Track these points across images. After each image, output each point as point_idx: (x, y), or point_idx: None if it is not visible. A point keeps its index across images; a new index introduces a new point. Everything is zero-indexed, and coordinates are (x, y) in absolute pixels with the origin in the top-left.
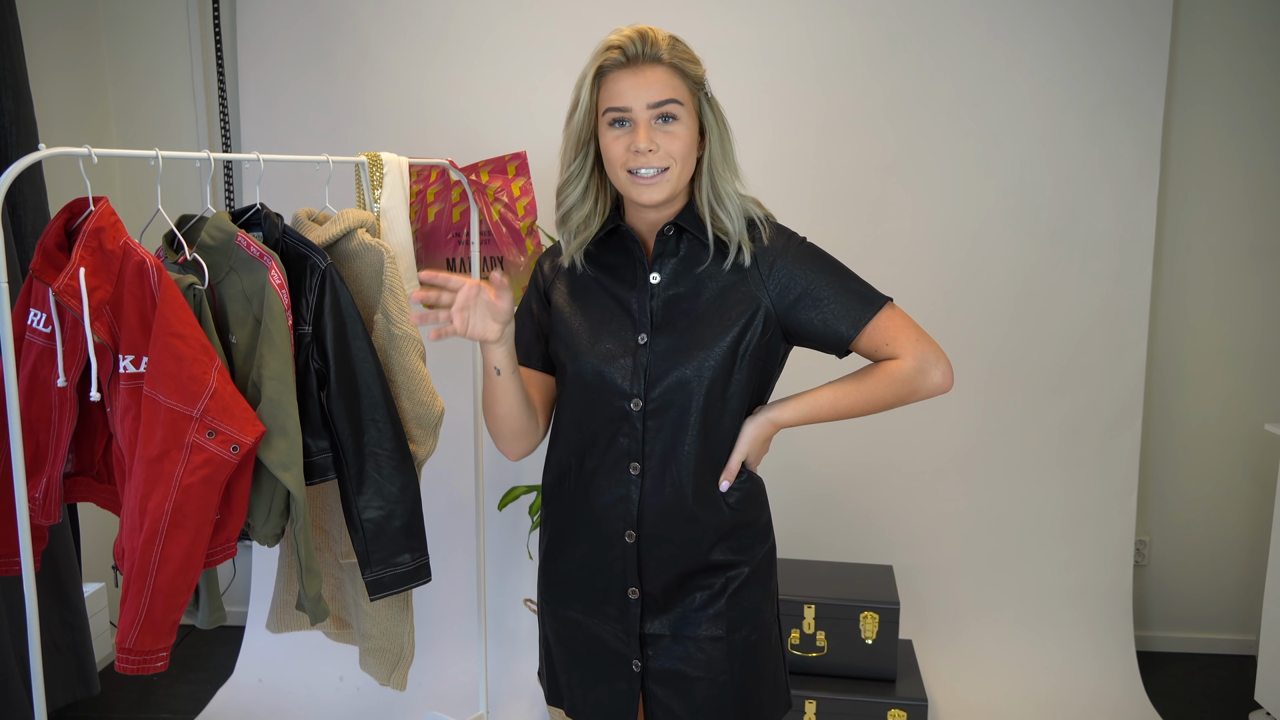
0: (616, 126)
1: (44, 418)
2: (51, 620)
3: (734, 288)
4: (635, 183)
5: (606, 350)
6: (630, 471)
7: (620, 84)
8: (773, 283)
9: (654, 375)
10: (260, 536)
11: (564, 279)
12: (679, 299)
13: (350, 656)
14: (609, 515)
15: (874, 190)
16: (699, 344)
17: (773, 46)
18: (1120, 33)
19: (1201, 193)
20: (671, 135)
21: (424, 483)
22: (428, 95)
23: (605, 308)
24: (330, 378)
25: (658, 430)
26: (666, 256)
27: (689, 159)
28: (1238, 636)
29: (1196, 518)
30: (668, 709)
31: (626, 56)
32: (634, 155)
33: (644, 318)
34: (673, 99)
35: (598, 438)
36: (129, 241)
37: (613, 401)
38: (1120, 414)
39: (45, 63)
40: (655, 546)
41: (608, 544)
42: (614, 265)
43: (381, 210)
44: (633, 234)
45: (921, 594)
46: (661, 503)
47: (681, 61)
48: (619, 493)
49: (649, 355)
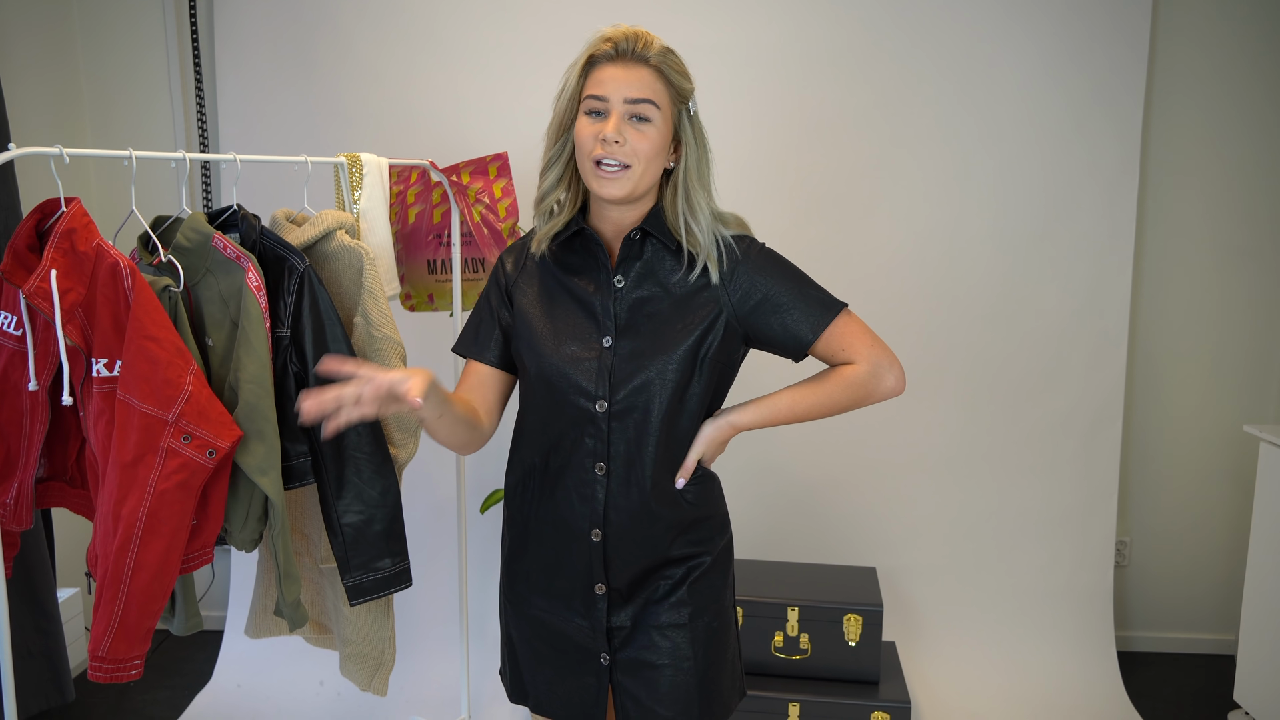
0: (592, 115)
1: (15, 422)
2: (24, 626)
3: (697, 294)
4: (598, 174)
5: (571, 353)
6: (596, 472)
7: (604, 74)
8: (734, 289)
9: (618, 378)
10: (238, 542)
11: (527, 279)
12: (642, 302)
13: (331, 661)
14: (575, 514)
15: (857, 191)
16: (662, 348)
17: (756, 48)
18: (1102, 32)
19: (1182, 193)
20: (641, 134)
21: (405, 486)
22: (409, 95)
23: (569, 310)
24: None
25: (622, 431)
26: (631, 260)
27: (654, 163)
28: (1217, 636)
29: (1176, 518)
30: (635, 699)
31: (617, 50)
32: (601, 144)
33: (608, 320)
34: (649, 99)
35: (562, 439)
36: (102, 243)
37: (577, 403)
38: (1101, 414)
39: (19, 62)
40: (621, 544)
41: (573, 542)
42: (578, 267)
43: (361, 211)
44: (596, 237)
45: (905, 596)
46: (627, 502)
47: (668, 69)
48: (585, 492)
49: (613, 358)
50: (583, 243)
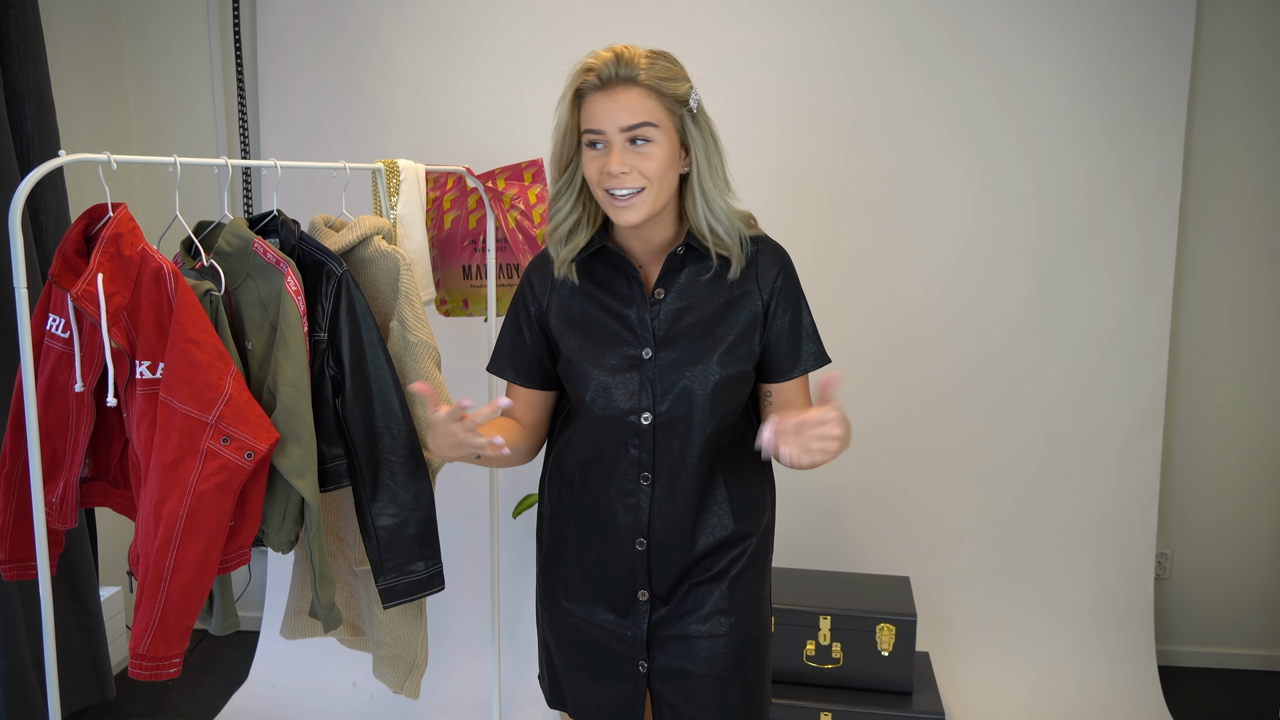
0: (593, 148)
1: (61, 422)
2: (68, 624)
3: (736, 301)
4: (613, 204)
5: (611, 366)
6: (641, 482)
7: (595, 106)
8: (769, 296)
9: (662, 389)
10: (274, 543)
11: (558, 296)
12: (682, 313)
13: (364, 663)
14: (619, 524)
15: (892, 198)
16: (703, 355)
17: (793, 54)
18: (1141, 43)
19: (1223, 203)
20: (644, 156)
21: (438, 490)
22: (445, 103)
23: (604, 325)
24: (345, 384)
25: (666, 441)
26: (673, 273)
27: (666, 178)
28: (1262, 652)
29: (1218, 530)
30: (674, 708)
31: (600, 80)
32: (608, 177)
33: (645, 332)
34: (645, 121)
35: (605, 451)
36: (146, 247)
37: (622, 417)
38: (1141, 424)
39: (68, 70)
40: (665, 551)
41: (616, 551)
42: (606, 280)
43: (398, 217)
44: (620, 254)
45: (939, 606)
46: (672, 511)
47: (658, 81)
48: (629, 502)
49: (655, 369)
50: (609, 256)
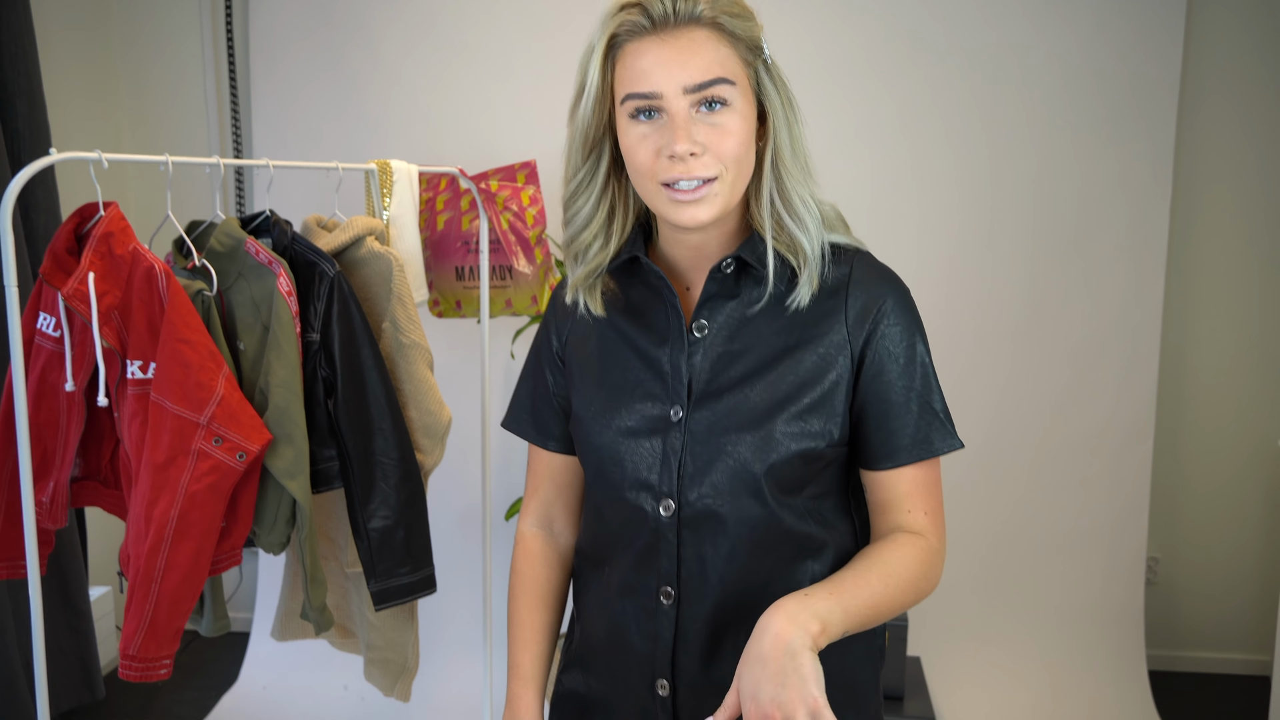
0: (641, 119)
1: (52, 422)
2: (57, 624)
3: (811, 342)
4: (674, 199)
5: (627, 428)
6: (661, 600)
7: (645, 58)
8: (865, 339)
9: (693, 467)
10: (265, 544)
11: (581, 326)
12: (732, 358)
13: (355, 665)
14: (635, 655)
15: (884, 203)
16: (754, 420)
17: (782, 60)
18: (1131, 50)
19: (1214, 206)
20: (721, 130)
21: (430, 493)
22: (439, 103)
23: (628, 368)
24: (338, 386)
25: (695, 545)
26: (720, 299)
27: (745, 161)
28: (1251, 656)
29: (1209, 535)
30: None
31: (651, 18)
32: (669, 162)
33: (678, 383)
34: (721, 78)
35: (617, 543)
36: (138, 247)
37: (634, 501)
38: (1132, 430)
39: (60, 67)
40: (695, 699)
41: (631, 689)
42: (641, 306)
43: (391, 218)
44: (656, 270)
45: (931, 611)
46: (703, 645)
47: (729, 19)
48: (646, 628)
49: (685, 437)
50: (644, 272)
